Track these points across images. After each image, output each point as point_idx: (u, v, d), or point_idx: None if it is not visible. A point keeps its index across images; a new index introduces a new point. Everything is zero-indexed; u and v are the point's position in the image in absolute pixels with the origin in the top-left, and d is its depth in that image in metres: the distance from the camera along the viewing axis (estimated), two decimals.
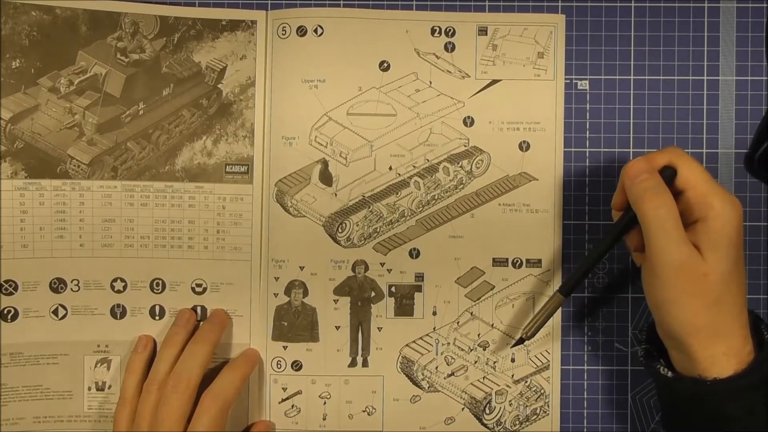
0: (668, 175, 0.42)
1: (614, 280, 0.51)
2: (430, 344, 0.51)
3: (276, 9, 0.51)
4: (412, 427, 0.51)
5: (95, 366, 0.51)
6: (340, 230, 0.51)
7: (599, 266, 0.51)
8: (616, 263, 0.51)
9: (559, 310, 0.50)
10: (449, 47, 0.51)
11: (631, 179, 0.42)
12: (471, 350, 0.51)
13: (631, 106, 0.51)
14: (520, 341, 0.48)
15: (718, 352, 0.40)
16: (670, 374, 0.43)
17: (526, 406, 0.51)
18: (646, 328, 0.46)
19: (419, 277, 0.51)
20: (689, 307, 0.40)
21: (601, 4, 0.51)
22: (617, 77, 0.51)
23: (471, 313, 0.51)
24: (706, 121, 0.51)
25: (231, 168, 0.51)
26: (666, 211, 0.41)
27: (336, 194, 0.51)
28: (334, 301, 0.51)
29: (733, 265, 0.41)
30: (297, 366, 0.51)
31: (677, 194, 0.42)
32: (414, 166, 0.51)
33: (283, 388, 0.51)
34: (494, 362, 0.51)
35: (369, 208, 0.51)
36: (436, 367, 0.51)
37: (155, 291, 0.51)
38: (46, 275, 0.50)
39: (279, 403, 0.51)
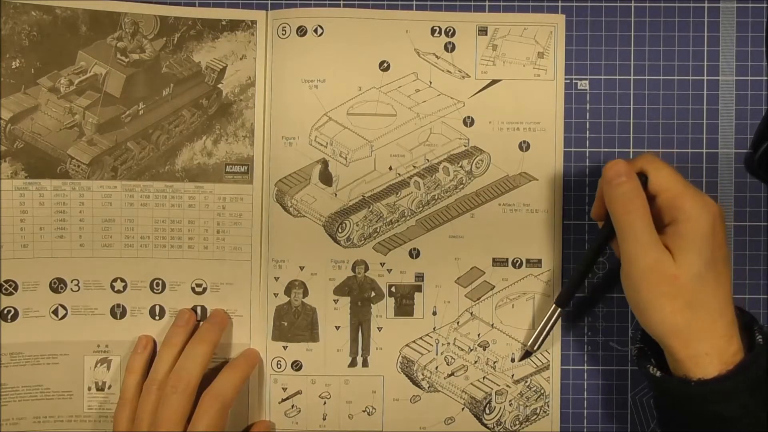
0: (641, 182, 0.43)
1: (614, 280, 0.51)
2: (430, 344, 0.51)
3: (276, 9, 0.51)
4: (412, 427, 0.51)
5: (95, 366, 0.51)
6: (340, 230, 0.51)
7: (598, 267, 0.51)
8: (616, 263, 0.51)
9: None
10: (449, 47, 0.51)
11: (608, 181, 0.43)
12: (471, 350, 0.51)
13: (631, 106, 0.51)
14: (527, 354, 0.50)
15: (700, 353, 0.40)
16: (658, 374, 0.43)
17: (526, 406, 0.51)
18: (641, 329, 0.46)
19: (419, 277, 0.51)
20: (664, 308, 0.41)
21: (601, 4, 0.51)
22: (617, 77, 0.51)
23: (471, 313, 0.51)
24: (706, 121, 0.51)
25: (231, 168, 0.51)
26: (636, 216, 0.41)
27: (336, 194, 0.51)
28: (334, 301, 0.51)
29: (706, 266, 0.41)
30: (297, 366, 0.51)
31: (651, 199, 0.42)
32: (414, 166, 0.51)
33: (283, 388, 0.51)
34: (494, 362, 0.51)
35: (369, 208, 0.51)
36: (436, 367, 0.51)
37: (155, 291, 0.51)
38: (46, 275, 0.50)
39: (279, 403, 0.51)
